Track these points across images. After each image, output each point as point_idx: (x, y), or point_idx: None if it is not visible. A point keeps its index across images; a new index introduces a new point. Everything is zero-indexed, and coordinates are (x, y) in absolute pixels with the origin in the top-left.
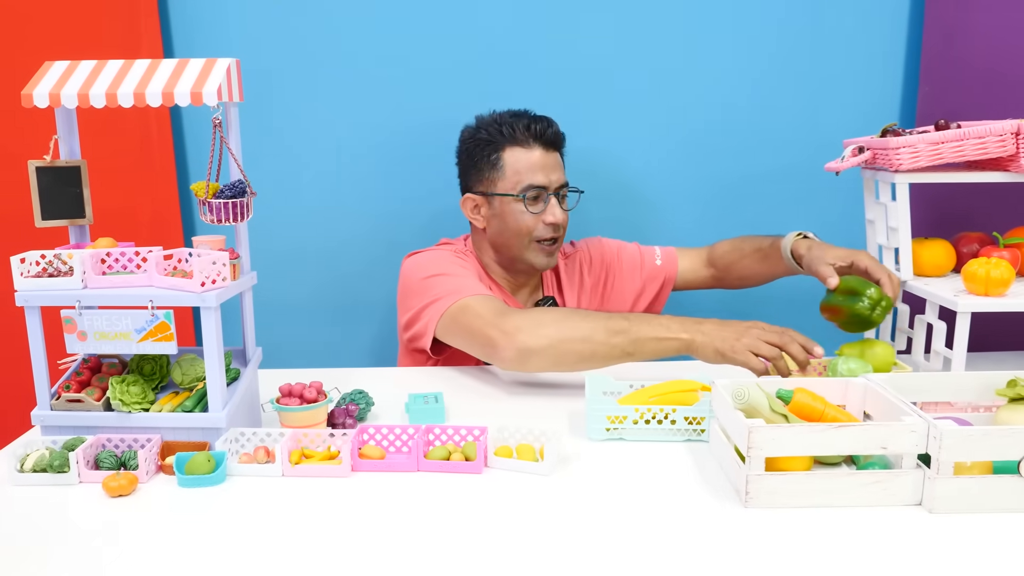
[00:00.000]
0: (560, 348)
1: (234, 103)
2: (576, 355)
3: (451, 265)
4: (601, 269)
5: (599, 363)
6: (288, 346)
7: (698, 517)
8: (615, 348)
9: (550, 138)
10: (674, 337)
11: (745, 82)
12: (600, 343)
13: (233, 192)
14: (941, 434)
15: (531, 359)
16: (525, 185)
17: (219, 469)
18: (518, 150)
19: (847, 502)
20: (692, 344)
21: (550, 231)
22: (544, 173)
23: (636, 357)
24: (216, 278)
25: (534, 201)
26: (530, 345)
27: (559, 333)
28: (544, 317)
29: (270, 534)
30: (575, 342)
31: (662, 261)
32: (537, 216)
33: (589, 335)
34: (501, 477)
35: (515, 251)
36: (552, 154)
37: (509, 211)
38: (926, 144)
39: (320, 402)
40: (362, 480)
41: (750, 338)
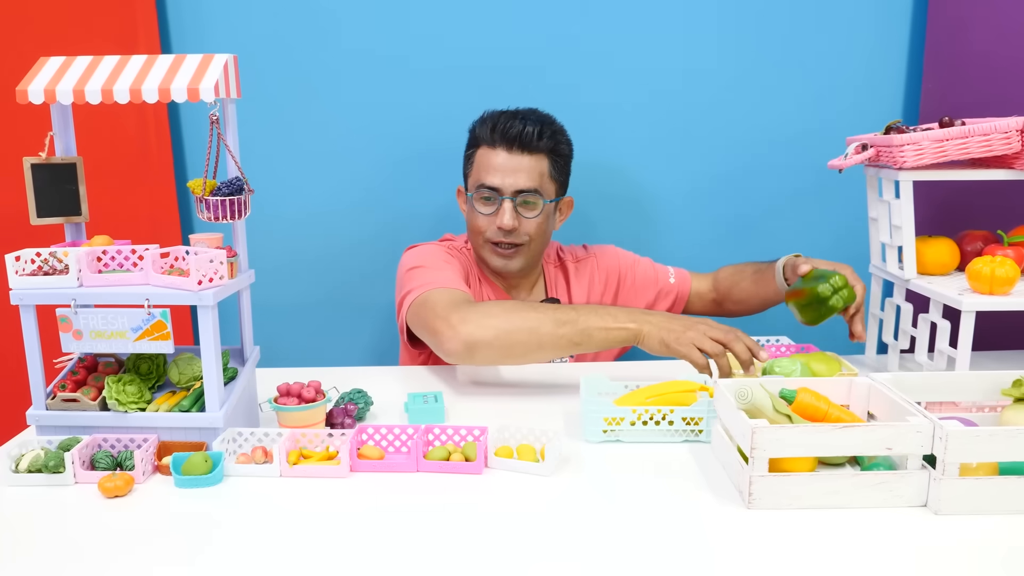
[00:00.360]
0: (507, 339)
1: (232, 99)
2: (523, 346)
3: (434, 259)
4: (614, 278)
5: (547, 354)
6: (288, 345)
7: (701, 519)
8: (562, 338)
9: (514, 138)
10: (621, 327)
11: (748, 79)
12: (547, 334)
13: (230, 189)
14: (947, 435)
15: (477, 351)
16: (479, 184)
17: (216, 470)
18: (485, 149)
19: (852, 503)
20: (639, 334)
21: (500, 235)
22: (500, 175)
23: (584, 347)
24: (213, 276)
25: (486, 202)
26: (476, 336)
27: (506, 324)
28: (492, 309)
29: (268, 535)
30: (522, 333)
31: (675, 280)
32: (488, 218)
33: (536, 326)
34: (502, 478)
35: (475, 249)
36: (519, 156)
37: (469, 209)
38: (930, 141)
39: (318, 402)
40: (361, 481)
41: (696, 332)
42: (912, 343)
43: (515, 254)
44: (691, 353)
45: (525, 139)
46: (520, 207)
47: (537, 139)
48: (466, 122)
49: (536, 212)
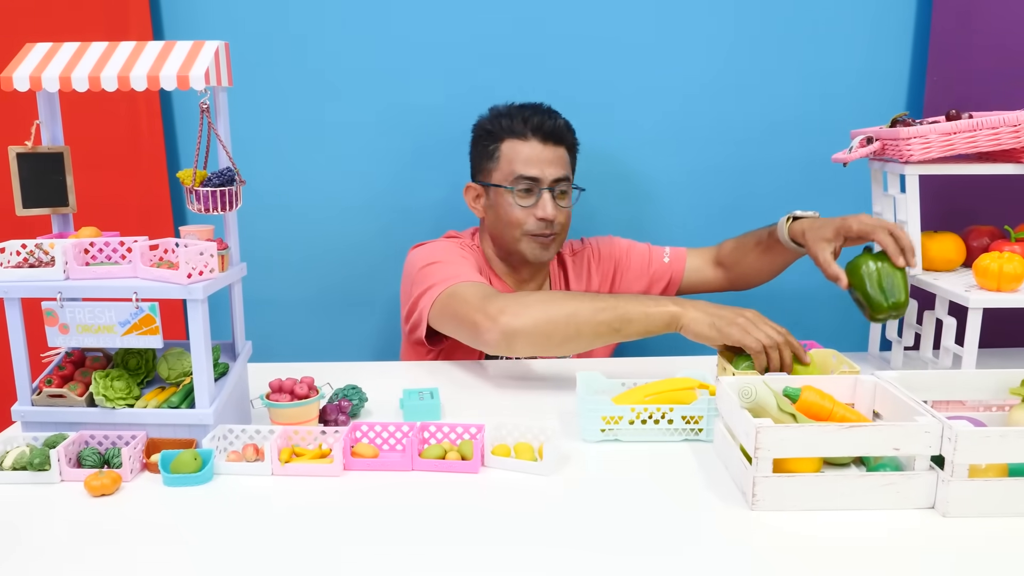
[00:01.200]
0: (545, 328)
1: (223, 88)
2: (562, 334)
3: (449, 254)
4: (609, 266)
5: (586, 342)
6: (281, 340)
7: (703, 519)
8: (602, 325)
9: (548, 131)
10: (663, 310)
11: (749, 70)
12: (586, 321)
13: (221, 180)
14: (956, 435)
15: (517, 340)
16: (516, 176)
17: (206, 468)
18: (515, 142)
19: (857, 505)
20: (682, 316)
21: (541, 226)
22: (538, 167)
23: (623, 334)
24: (203, 269)
25: (525, 194)
26: (515, 326)
27: (544, 313)
28: (528, 299)
29: (258, 535)
30: (560, 320)
31: (670, 259)
32: (527, 210)
33: (574, 312)
34: (499, 477)
35: (508, 243)
36: (552, 148)
37: (502, 202)
38: (938, 135)
39: (311, 398)
40: (354, 479)
41: (746, 319)
42: (917, 340)
43: (551, 243)
44: (745, 338)
45: (558, 132)
46: (557, 197)
47: (565, 133)
48: (468, 116)
49: (568, 200)
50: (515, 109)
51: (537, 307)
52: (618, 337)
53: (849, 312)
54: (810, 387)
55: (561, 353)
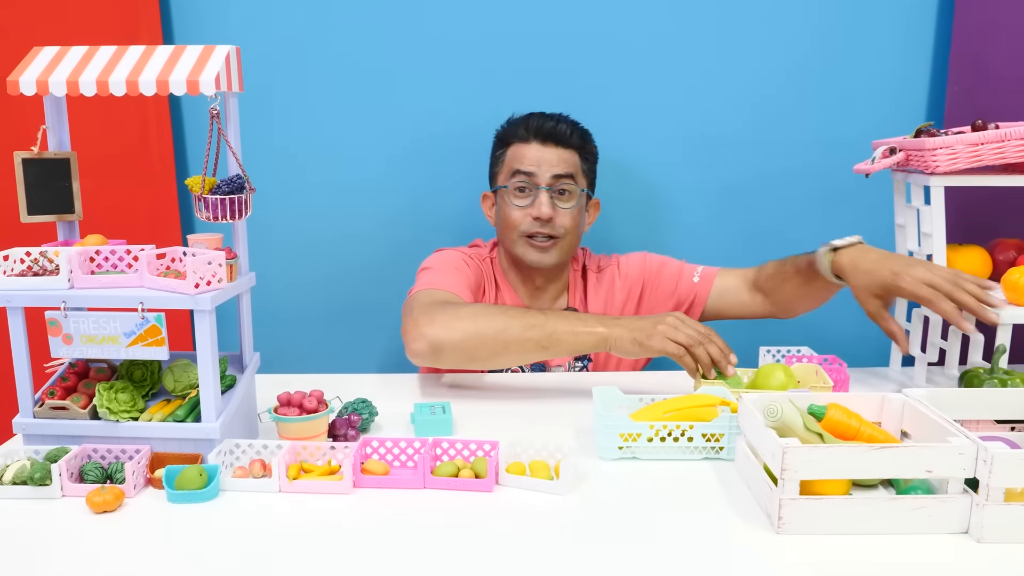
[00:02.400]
0: (472, 342)
1: (233, 93)
2: (489, 349)
3: (444, 263)
4: (637, 284)
5: (513, 358)
6: (291, 352)
7: (727, 542)
8: (530, 342)
9: (548, 131)
10: (590, 330)
11: (769, 81)
12: (514, 337)
13: (231, 188)
14: (992, 457)
15: (442, 353)
16: (513, 172)
17: (211, 484)
18: (518, 145)
19: (888, 529)
20: (609, 337)
21: (536, 226)
22: (534, 164)
23: (552, 352)
24: (211, 279)
25: (520, 193)
26: (441, 338)
27: (472, 326)
28: (460, 311)
29: (265, 554)
30: (488, 335)
31: (699, 279)
32: (523, 209)
33: (503, 328)
34: (513, 496)
35: (508, 246)
36: (552, 149)
37: (503, 203)
38: (964, 145)
39: (320, 412)
40: (364, 497)
41: (666, 326)
42: (941, 356)
43: (551, 247)
44: (666, 346)
45: (558, 134)
46: (556, 197)
47: (569, 135)
48: (486, 123)
49: (572, 203)
50: (526, 115)
51: (467, 321)
52: (546, 355)
53: (868, 327)
54: (836, 405)
55: (488, 368)
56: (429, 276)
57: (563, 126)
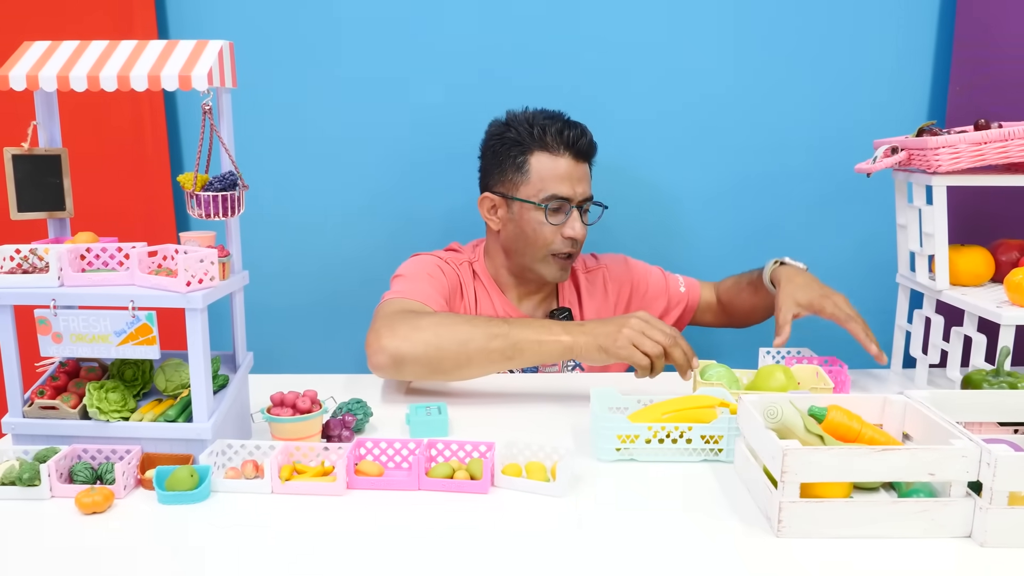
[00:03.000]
0: (435, 354)
1: (227, 89)
2: (452, 361)
3: (417, 270)
4: (626, 287)
5: (477, 369)
6: (286, 352)
7: (726, 545)
8: (493, 353)
9: (582, 148)
10: (555, 339)
11: (769, 81)
12: (478, 348)
13: (223, 184)
14: (995, 460)
15: (405, 365)
16: (549, 195)
17: (203, 485)
18: (546, 156)
19: (890, 532)
20: (574, 346)
21: (568, 245)
22: (571, 184)
23: (516, 362)
24: (203, 277)
25: (555, 212)
26: (403, 351)
27: (435, 337)
28: (422, 322)
29: (257, 557)
30: (451, 347)
31: (685, 289)
32: (556, 228)
33: (466, 339)
34: (509, 498)
35: (527, 260)
36: (581, 165)
37: (528, 219)
38: (967, 144)
39: (314, 413)
40: (358, 499)
41: (631, 331)
42: (943, 357)
43: (570, 263)
44: (632, 355)
45: (591, 149)
46: (584, 215)
47: (593, 148)
48: (478, 125)
49: (595, 219)
50: (542, 119)
51: (428, 332)
52: (511, 365)
53: (871, 329)
54: (837, 407)
55: (452, 379)
56: (400, 284)
57: (591, 139)
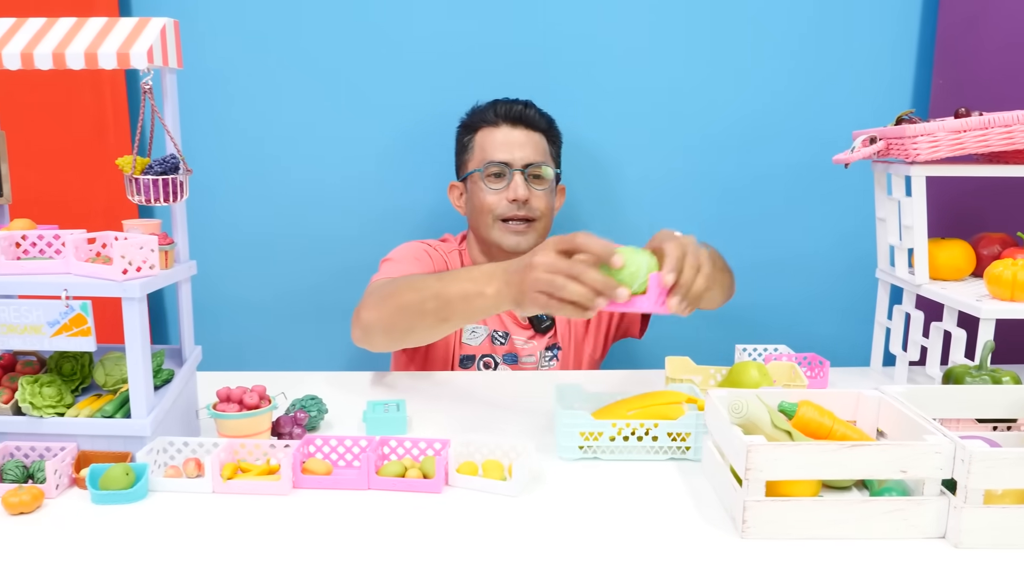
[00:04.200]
0: (388, 320)
1: (171, 69)
2: (402, 326)
3: (405, 254)
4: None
5: (424, 333)
6: (251, 349)
7: (687, 547)
8: (427, 315)
9: (517, 115)
10: (480, 293)
11: (749, 72)
12: (415, 312)
13: (164, 168)
14: (970, 456)
15: (371, 335)
16: (487, 161)
17: (138, 484)
18: (487, 130)
19: (860, 533)
20: (498, 297)
21: (513, 208)
22: (507, 149)
23: (454, 323)
24: (142, 265)
25: (496, 178)
26: (369, 320)
27: (389, 306)
28: (386, 289)
29: (194, 560)
30: (397, 311)
31: None
32: (499, 193)
33: (407, 304)
34: (463, 497)
35: (484, 232)
36: (523, 131)
37: (476, 189)
38: (947, 133)
39: (262, 409)
40: (304, 498)
41: (534, 272)
42: (923, 354)
43: (528, 230)
44: (537, 300)
45: (528, 117)
46: (531, 180)
47: (537, 118)
48: (454, 114)
49: (546, 185)
50: (490, 102)
51: (381, 302)
52: (450, 327)
53: (850, 325)
54: (808, 402)
55: (419, 343)
56: (387, 267)
57: (531, 110)
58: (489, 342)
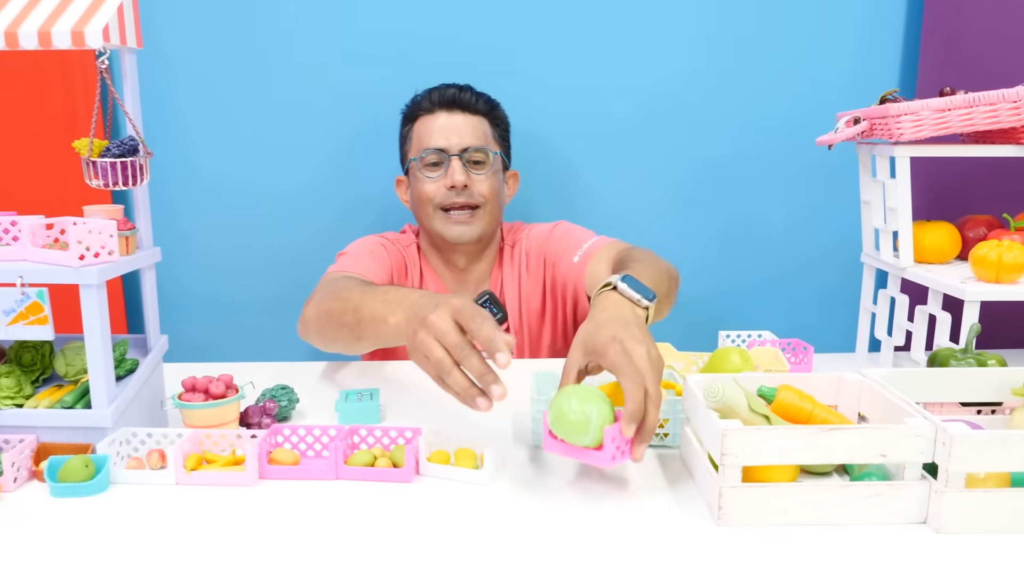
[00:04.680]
0: (318, 326)
1: (130, 49)
2: (328, 336)
3: (360, 246)
4: (539, 258)
5: (344, 347)
6: (224, 340)
7: (663, 535)
8: (345, 329)
9: (451, 99)
10: (383, 320)
11: (731, 55)
12: (336, 324)
13: (122, 150)
14: (951, 439)
15: (307, 335)
16: (423, 149)
17: (99, 476)
18: (423, 118)
19: (839, 519)
20: (398, 331)
21: (452, 195)
22: (443, 135)
23: (367, 344)
24: (100, 251)
25: (433, 167)
26: (306, 317)
27: (324, 306)
28: (329, 288)
29: (155, 554)
30: (325, 320)
31: (579, 260)
32: (437, 181)
33: (330, 312)
34: (434, 487)
35: (427, 223)
36: (460, 115)
37: (415, 179)
38: (931, 111)
39: (229, 398)
40: (270, 489)
41: (424, 335)
42: (908, 338)
43: (471, 219)
44: (424, 366)
45: (464, 101)
46: (469, 165)
47: (475, 101)
48: None
49: (486, 169)
50: (427, 90)
51: (323, 303)
52: (366, 346)
53: (835, 311)
54: (788, 386)
55: (340, 351)
56: (342, 260)
57: (467, 93)
58: None
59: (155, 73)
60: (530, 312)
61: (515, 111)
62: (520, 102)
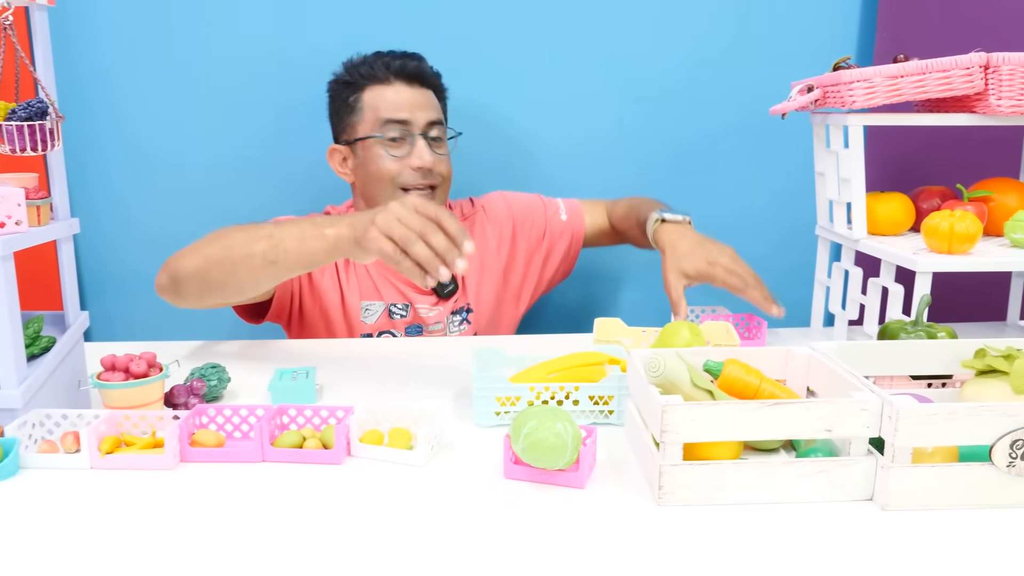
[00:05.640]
0: (204, 265)
1: (40, 5)
2: (220, 270)
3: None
4: (507, 225)
5: (245, 278)
6: (158, 319)
7: (601, 516)
8: (255, 256)
9: (412, 71)
10: (318, 234)
11: (683, 26)
12: (241, 254)
13: (29, 113)
14: (897, 413)
15: (180, 283)
16: (384, 122)
17: (6, 460)
18: (377, 87)
19: (782, 497)
20: (337, 240)
21: (418, 177)
22: (408, 109)
23: (282, 265)
24: (6, 221)
25: (397, 143)
26: (178, 267)
27: (206, 248)
28: (204, 239)
29: (67, 543)
30: (217, 255)
31: (567, 216)
32: (401, 160)
33: (231, 244)
34: (366, 469)
35: (380, 200)
36: (419, 90)
37: (371, 156)
38: (883, 78)
39: (151, 378)
40: (192, 473)
41: (385, 215)
42: (861, 312)
43: (432, 197)
44: (382, 245)
45: (423, 72)
46: (433, 143)
47: (430, 74)
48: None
49: (446, 148)
50: (372, 56)
51: (203, 246)
52: (277, 269)
53: (791, 286)
54: (734, 360)
55: (230, 297)
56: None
57: (424, 64)
58: (387, 317)
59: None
60: (488, 279)
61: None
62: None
